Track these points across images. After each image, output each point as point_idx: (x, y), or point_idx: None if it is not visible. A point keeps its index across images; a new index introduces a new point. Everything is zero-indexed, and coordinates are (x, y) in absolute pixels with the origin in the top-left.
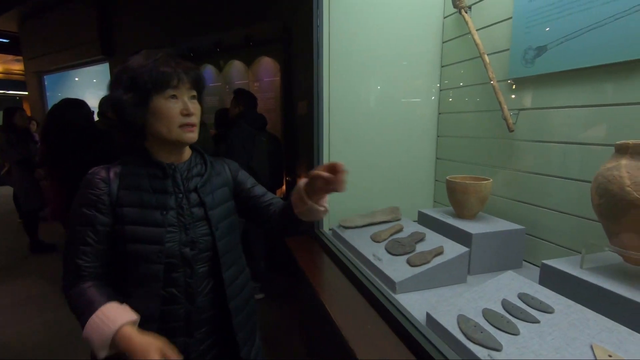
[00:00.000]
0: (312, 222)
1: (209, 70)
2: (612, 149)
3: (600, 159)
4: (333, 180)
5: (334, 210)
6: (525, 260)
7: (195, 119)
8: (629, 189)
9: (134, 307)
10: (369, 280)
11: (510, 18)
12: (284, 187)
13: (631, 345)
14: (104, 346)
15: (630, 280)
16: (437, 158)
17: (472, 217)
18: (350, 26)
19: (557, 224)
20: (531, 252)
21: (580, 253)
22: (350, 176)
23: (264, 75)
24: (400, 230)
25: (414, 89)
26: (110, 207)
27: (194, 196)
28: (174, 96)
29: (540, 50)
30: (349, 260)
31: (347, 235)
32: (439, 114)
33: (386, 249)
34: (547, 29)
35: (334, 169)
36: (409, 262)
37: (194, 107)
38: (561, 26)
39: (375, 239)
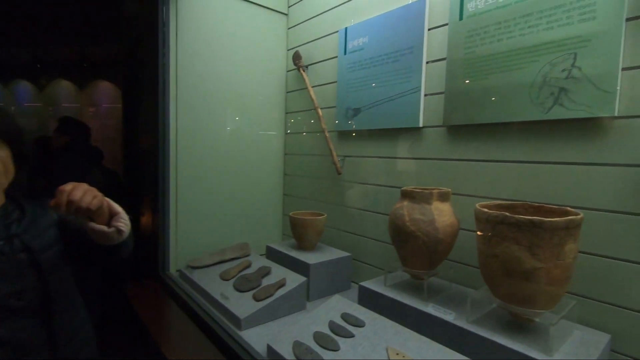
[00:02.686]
0: (110, 246)
1: (24, 88)
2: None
3: (397, 199)
4: (56, 203)
5: (184, 250)
6: (353, 282)
7: None
8: (408, 224)
9: None
10: (216, 321)
11: (336, 82)
12: None
13: (413, 343)
14: None
15: (414, 292)
16: (284, 194)
17: (311, 248)
18: (200, 63)
19: (374, 249)
20: (358, 274)
21: (392, 272)
22: (200, 213)
23: (101, 100)
24: (248, 266)
25: (263, 130)
26: None
27: (17, 242)
28: None
29: (357, 111)
30: (197, 303)
31: (195, 276)
32: (285, 154)
33: (234, 287)
34: (360, 95)
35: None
36: (254, 298)
37: None
38: (368, 95)
39: (224, 277)
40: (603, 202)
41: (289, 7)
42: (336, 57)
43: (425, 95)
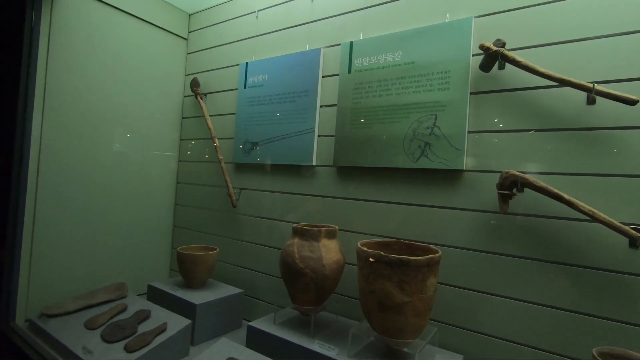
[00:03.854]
0: None
1: None
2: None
3: (290, 234)
4: None
5: (39, 294)
6: (245, 319)
7: None
8: (297, 261)
9: None
10: None
11: (235, 114)
12: None
13: None
14: None
15: (302, 328)
16: (174, 226)
17: (200, 285)
18: (79, 78)
19: (268, 284)
20: (250, 311)
21: (283, 308)
22: (65, 247)
23: None
24: (123, 310)
25: (154, 155)
26: None
27: None
28: None
29: (254, 144)
30: None
31: (50, 326)
32: (178, 182)
33: (102, 337)
34: (259, 130)
35: None
36: (126, 348)
37: None
38: (266, 131)
39: (90, 325)
40: (458, 240)
41: (189, 32)
42: (236, 89)
43: (319, 136)
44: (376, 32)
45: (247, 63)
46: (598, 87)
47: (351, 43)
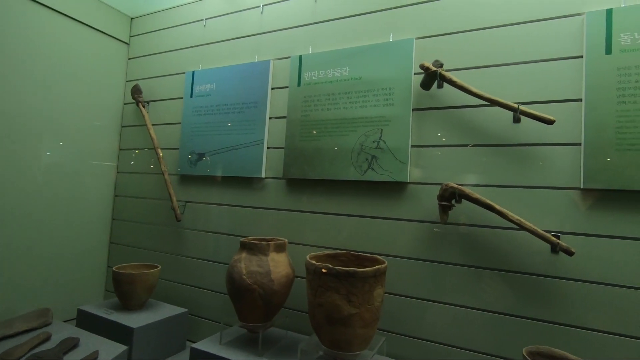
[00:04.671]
0: None
1: None
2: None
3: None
4: None
5: None
6: (190, 340)
7: None
8: (245, 277)
9: None
10: None
11: (180, 123)
12: None
13: None
14: None
15: (250, 347)
16: (111, 242)
17: (139, 307)
18: (20, 83)
19: (214, 302)
20: (195, 332)
21: (230, 327)
22: None
23: None
24: (46, 339)
25: (88, 165)
26: None
27: None
28: None
29: (201, 156)
30: None
31: None
32: (116, 195)
33: None
34: (205, 141)
35: None
36: None
37: None
38: (214, 142)
39: (5, 358)
40: (404, 250)
41: (130, 36)
42: (181, 98)
43: (268, 148)
44: (325, 47)
45: (193, 72)
46: (522, 107)
47: (300, 56)
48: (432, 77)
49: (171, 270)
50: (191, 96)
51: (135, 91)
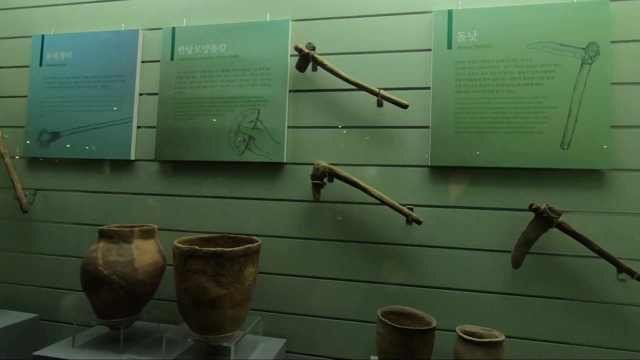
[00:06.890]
0: None
1: None
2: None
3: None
4: None
5: None
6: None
7: None
8: (101, 267)
9: None
10: None
11: (27, 97)
12: None
13: None
14: None
15: (111, 346)
16: None
17: None
18: None
19: (73, 303)
20: (50, 338)
21: (91, 327)
22: None
23: None
24: None
25: None
26: None
27: None
28: None
29: (55, 135)
30: None
31: None
32: None
33: None
34: (60, 118)
35: None
36: None
37: None
38: (71, 119)
39: None
40: (281, 230)
41: None
42: (28, 66)
43: (139, 127)
44: (200, 21)
45: (43, 36)
46: (382, 92)
47: (173, 29)
48: (305, 59)
49: (16, 272)
50: (41, 64)
51: None
